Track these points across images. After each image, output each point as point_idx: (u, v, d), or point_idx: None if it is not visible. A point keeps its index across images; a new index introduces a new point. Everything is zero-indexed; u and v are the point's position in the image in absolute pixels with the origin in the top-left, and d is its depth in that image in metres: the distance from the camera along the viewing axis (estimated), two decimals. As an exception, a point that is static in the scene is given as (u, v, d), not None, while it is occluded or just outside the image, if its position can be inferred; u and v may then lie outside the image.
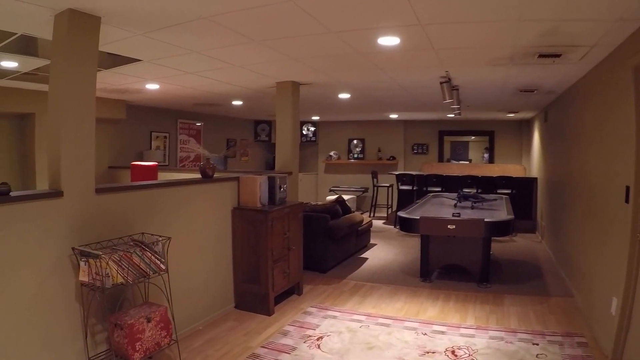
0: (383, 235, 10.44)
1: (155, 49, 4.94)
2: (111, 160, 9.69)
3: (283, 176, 5.88)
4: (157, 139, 10.92)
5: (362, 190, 14.02)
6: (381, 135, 14.28)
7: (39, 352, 3.43)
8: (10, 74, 6.24)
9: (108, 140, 9.62)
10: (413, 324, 5.00)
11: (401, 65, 5.63)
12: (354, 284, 6.57)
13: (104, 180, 9.31)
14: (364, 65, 5.63)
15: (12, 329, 3.25)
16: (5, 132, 7.92)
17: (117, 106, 9.34)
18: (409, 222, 6.38)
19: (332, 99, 8.95)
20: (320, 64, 5.68)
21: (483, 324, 4.99)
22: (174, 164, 11.44)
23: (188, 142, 11.86)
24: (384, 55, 5.11)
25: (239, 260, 5.56)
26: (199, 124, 12.24)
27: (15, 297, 3.25)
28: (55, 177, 3.65)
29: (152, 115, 10.74)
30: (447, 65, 5.57)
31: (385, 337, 4.66)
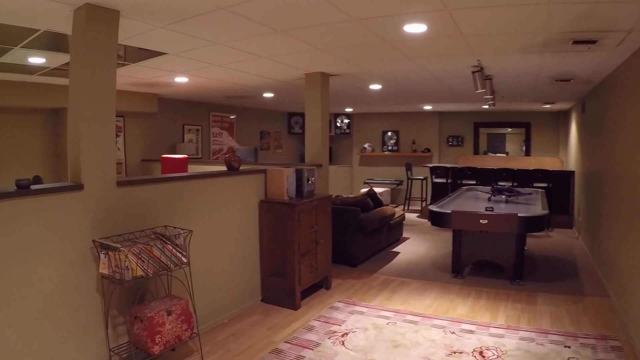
0: (416, 229, 10.27)
1: (179, 42, 4.90)
2: (144, 153, 9.78)
3: (311, 168, 5.80)
4: (189, 132, 10.96)
5: (397, 183, 13.84)
6: (415, 127, 14.05)
7: (60, 342, 3.45)
8: (39, 69, 6.31)
9: (141, 134, 9.73)
10: (441, 322, 4.85)
11: (430, 53, 5.45)
12: (384, 279, 6.45)
13: (136, 173, 9.46)
14: (392, 54, 5.48)
15: (34, 320, 3.27)
16: (39, 126, 8.04)
17: (148, 100, 9.40)
18: (439, 216, 6.21)
19: (363, 90, 8.80)
20: (347, 54, 5.56)
21: (514, 323, 4.81)
22: (206, 157, 11.47)
23: (221, 135, 11.87)
24: (411, 44, 4.95)
25: (266, 254, 5.51)
26: (232, 116, 12.24)
27: (36, 289, 3.28)
28: (75, 171, 3.66)
29: (184, 108, 10.78)
30: (478, 54, 5.37)
31: (412, 335, 4.53)
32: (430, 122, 13.82)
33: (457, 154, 13.48)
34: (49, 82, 7.19)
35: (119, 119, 9.22)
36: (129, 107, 8.98)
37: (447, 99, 10.29)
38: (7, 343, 3.12)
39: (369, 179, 14.29)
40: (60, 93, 7.46)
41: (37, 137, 8.03)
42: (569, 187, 10.46)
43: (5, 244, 3.09)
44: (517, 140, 13.43)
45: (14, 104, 7.32)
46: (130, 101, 8.96)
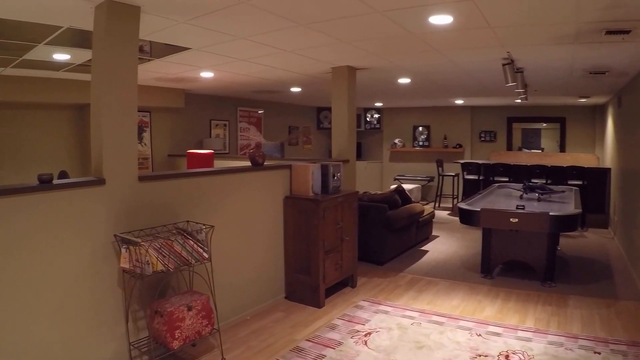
0: (446, 227, 10.10)
1: (201, 37, 4.88)
2: (171, 148, 9.81)
3: (337, 164, 5.71)
4: (217, 127, 10.96)
5: (428, 180, 13.60)
6: (447, 122, 13.79)
7: (81, 335, 3.48)
8: (64, 66, 6.36)
9: (167, 129, 9.77)
10: (468, 324, 4.71)
11: (458, 45, 5.31)
12: (411, 278, 6.33)
13: (163, 168, 9.50)
14: (419, 46, 5.36)
15: (55, 313, 3.30)
16: (66, 122, 8.14)
17: (175, 95, 9.43)
18: (469, 213, 6.05)
19: (392, 84, 8.67)
20: (373, 47, 5.45)
21: (543, 327, 4.63)
22: (234, 152, 11.46)
23: (248, 130, 11.86)
24: (438, 36, 4.82)
25: (290, 250, 5.45)
26: (260, 111, 12.21)
27: (57, 282, 3.31)
28: (97, 166, 3.68)
29: (211, 103, 10.80)
30: (507, 45, 5.21)
31: (437, 336, 4.41)
32: (462, 116, 13.55)
33: (490, 150, 13.20)
34: (74, 78, 7.24)
35: (145, 114, 9.27)
36: (156, 102, 9.02)
37: (478, 93, 10.06)
38: (30, 334, 3.15)
39: (399, 175, 14.09)
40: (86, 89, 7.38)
41: (63, 133, 8.13)
42: (604, 185, 10.10)
43: (27, 237, 3.12)
44: (553, 135, 13.07)
45: (41, 99, 7.42)
46: (157, 96, 9.00)
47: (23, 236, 3.11)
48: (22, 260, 3.10)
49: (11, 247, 3.05)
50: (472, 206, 6.23)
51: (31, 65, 6.19)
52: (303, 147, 14.02)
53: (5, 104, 7.22)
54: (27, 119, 7.67)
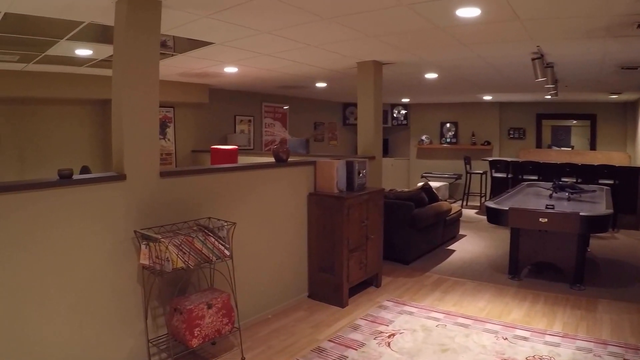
0: (474, 226, 9.89)
1: (224, 31, 4.82)
2: (195, 144, 9.81)
3: (362, 161, 5.60)
4: (241, 123, 10.93)
5: (455, 177, 13.39)
6: (475, 119, 13.53)
7: (99, 332, 3.46)
8: (87, 61, 6.38)
9: (191, 124, 9.77)
10: (494, 327, 4.56)
11: (486, 39, 5.17)
12: (437, 278, 6.19)
13: (187, 163, 9.51)
14: (446, 40, 5.23)
15: (73, 309, 3.29)
16: (89, 117, 8.16)
17: (199, 90, 9.41)
18: (496, 213, 5.88)
19: (419, 80, 8.54)
20: (399, 41, 5.33)
21: (571, 331, 4.45)
22: (259, 148, 11.42)
23: (273, 125, 11.80)
24: (465, 29, 4.69)
25: (314, 248, 5.37)
26: (285, 107, 12.15)
27: (77, 278, 3.30)
28: (118, 161, 3.66)
29: (235, 98, 10.76)
30: (537, 39, 5.04)
31: (462, 339, 4.27)
32: (490, 113, 13.29)
33: (519, 147, 12.92)
34: (97, 73, 7.25)
35: (169, 110, 9.26)
36: (180, 97, 9.02)
37: (507, 89, 9.87)
38: (48, 329, 3.15)
39: (427, 172, 13.91)
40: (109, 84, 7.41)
41: (86, 128, 8.15)
42: (637, 184, 9.76)
43: (47, 233, 3.11)
44: (583, 133, 12.74)
45: (64, 95, 7.47)
46: (181, 92, 8.99)
47: (42, 231, 3.09)
48: (41, 255, 3.09)
49: (31, 242, 3.04)
50: (500, 205, 6.07)
51: (54, 60, 6.20)
52: (329, 143, 13.93)
53: (29, 99, 7.28)
54: (50, 114, 7.72)
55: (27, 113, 7.43)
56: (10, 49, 5.48)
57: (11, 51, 5.58)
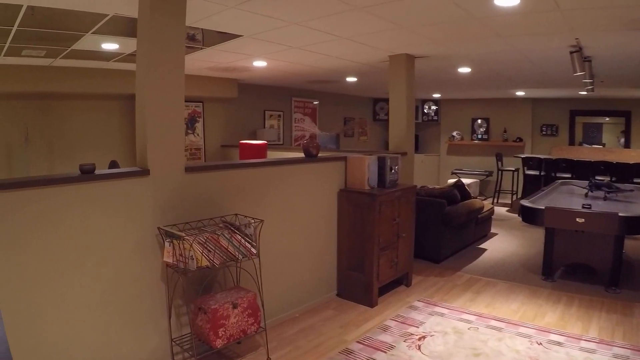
0: (505, 224, 9.64)
1: (252, 22, 4.72)
2: (224, 139, 9.77)
3: (395, 157, 5.45)
4: (271, 118, 10.86)
5: (486, 174, 13.13)
6: (507, 115, 13.22)
7: (122, 329, 3.42)
8: (114, 56, 6.35)
9: (220, 119, 9.75)
10: (528, 331, 4.36)
11: (523, 31, 4.97)
12: (468, 278, 6.01)
13: (216, 158, 9.48)
14: (482, 32, 5.05)
15: (96, 305, 3.25)
16: (117, 112, 8.15)
17: (228, 85, 9.36)
18: (532, 212, 5.67)
19: (451, 74, 8.34)
20: (433, 33, 5.17)
21: (607, 337, 4.23)
22: (288, 143, 11.34)
23: (303, 120, 11.70)
24: (502, 20, 4.50)
25: (343, 246, 5.25)
26: (315, 102, 12.05)
27: (99, 275, 3.25)
28: (142, 156, 3.58)
29: (265, 93, 10.70)
30: (577, 31, 4.82)
31: (495, 343, 4.09)
32: (522, 109, 12.96)
33: (551, 145, 12.55)
34: (124, 68, 7.23)
35: (198, 104, 9.24)
36: (208, 92, 8.99)
37: (540, 84, 9.59)
38: (71, 325, 3.12)
39: (457, 169, 13.69)
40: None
41: (116, 122, 8.15)
42: (674, 184, 9.42)
43: (69, 229, 3.06)
44: (614, 130, 12.35)
45: (93, 90, 7.48)
46: (210, 86, 8.95)
47: (64, 227, 3.04)
48: (64, 251, 3.04)
49: (53, 238, 2.99)
50: (535, 204, 5.85)
51: (80, 55, 6.19)
52: (359, 138, 13.80)
53: (58, 94, 7.30)
54: (79, 109, 7.74)
55: (56, 108, 7.47)
56: (36, 44, 5.47)
57: (37, 46, 5.56)
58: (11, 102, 6.98)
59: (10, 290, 2.82)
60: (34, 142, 7.16)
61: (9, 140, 6.97)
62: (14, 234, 2.81)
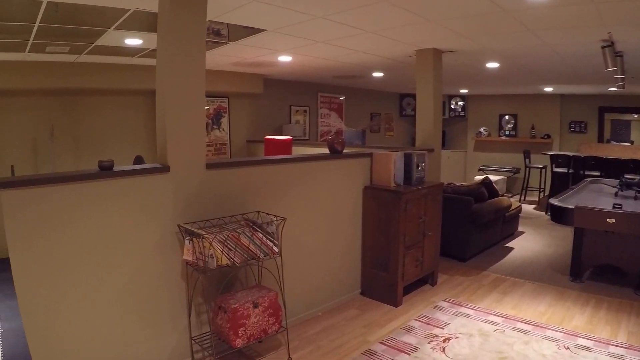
0: (532, 222, 9.42)
1: (276, 16, 4.66)
2: (250, 134, 9.76)
3: (421, 153, 5.32)
4: (296, 113, 10.81)
5: (513, 171, 12.91)
6: (535, 111, 12.97)
7: (142, 326, 3.40)
8: (138, 51, 6.36)
9: (246, 114, 9.74)
10: (555, 334, 4.22)
11: (554, 25, 4.81)
12: (495, 278, 5.86)
13: (241, 154, 9.47)
14: (511, 26, 4.91)
15: (116, 303, 3.24)
16: (142, 108, 8.18)
17: (253, 80, 9.35)
18: (561, 211, 5.50)
19: (479, 69, 8.18)
20: (461, 27, 5.05)
21: (637, 342, 4.05)
22: (314, 139, 11.28)
23: (329, 116, 11.63)
24: (532, 13, 4.36)
25: (368, 244, 5.16)
26: (341, 97, 11.96)
27: (119, 272, 3.23)
28: (162, 152, 3.54)
29: (291, 89, 10.67)
30: (609, 25, 4.66)
31: (521, 346, 3.96)
32: (550, 105, 12.70)
33: (580, 142, 12.29)
34: (149, 63, 7.22)
35: (223, 100, 9.23)
36: (234, 87, 8.98)
37: (570, 80, 9.36)
38: (91, 323, 3.12)
39: (484, 165, 13.50)
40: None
41: (140, 118, 8.19)
42: None
43: (87, 226, 3.05)
44: (642, 127, 12.09)
45: (118, 86, 7.53)
46: (235, 82, 8.94)
47: (83, 224, 3.02)
48: (83, 248, 3.02)
49: (72, 235, 2.97)
50: (564, 203, 5.69)
51: (105, 51, 6.21)
52: (385, 134, 13.70)
53: (83, 90, 7.36)
54: (105, 104, 7.80)
55: (82, 104, 7.53)
56: (60, 40, 5.48)
57: (61, 42, 5.58)
58: (37, 99, 7.05)
59: (29, 286, 2.81)
60: (60, 138, 7.22)
61: (35, 136, 7.03)
62: (34, 230, 2.80)
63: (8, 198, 2.71)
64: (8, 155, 6.81)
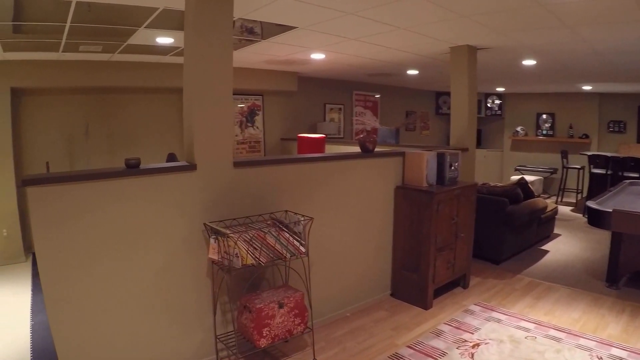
0: (569, 224, 9.15)
1: (306, 13, 4.61)
2: (285, 132, 9.76)
3: (455, 153, 5.21)
4: (331, 111, 10.77)
5: (550, 172, 12.62)
6: (573, 110, 12.61)
7: (168, 324, 3.43)
8: (170, 50, 6.40)
9: (280, 112, 9.76)
10: (588, 343, 4.04)
11: (592, 19, 4.64)
12: (529, 282, 5.70)
13: (276, 151, 9.49)
14: (546, 21, 4.75)
15: (142, 299, 3.26)
16: (176, 105, 8.25)
17: (287, 78, 9.35)
18: (598, 214, 5.30)
19: (515, 67, 8.00)
20: (495, 22, 4.93)
21: (674, 354, 3.88)
22: (349, 137, 11.22)
23: (364, 114, 11.55)
24: (569, 7, 4.21)
25: (399, 245, 5.08)
26: (377, 95, 11.87)
27: (145, 270, 3.26)
28: (189, 151, 3.54)
29: (325, 86, 10.65)
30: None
31: (553, 355, 3.80)
32: (589, 104, 12.33)
33: (619, 142, 11.91)
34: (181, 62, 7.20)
35: (258, 98, 9.24)
36: (268, 85, 9.00)
37: (608, 78, 9.09)
38: (117, 320, 3.15)
39: (521, 165, 13.23)
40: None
41: (174, 115, 8.26)
42: None
43: (115, 223, 3.08)
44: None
45: (151, 84, 7.60)
46: (269, 79, 8.96)
47: (110, 221, 3.06)
48: (109, 244, 3.06)
49: (99, 231, 3.01)
50: (602, 206, 5.48)
51: (137, 50, 6.27)
52: (421, 133, 13.57)
53: (117, 88, 7.49)
54: (138, 102, 7.93)
55: (116, 101, 7.66)
56: (92, 39, 5.55)
57: (93, 41, 5.65)
58: (72, 97, 7.20)
59: (54, 281, 2.85)
60: (94, 135, 7.34)
61: (71, 133, 7.16)
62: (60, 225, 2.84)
63: (34, 194, 2.74)
64: (45, 152, 6.96)
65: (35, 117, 6.94)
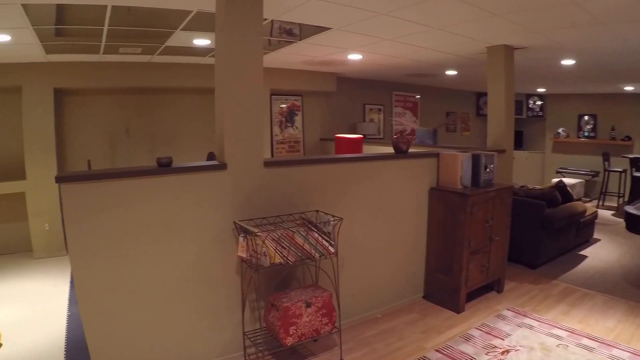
0: (609, 229, 8.85)
1: (339, 14, 4.61)
2: (324, 132, 9.80)
3: (490, 155, 5.13)
4: (370, 112, 10.76)
5: (592, 174, 12.29)
6: (615, 111, 12.25)
7: (197, 320, 3.50)
8: (208, 51, 6.52)
9: (320, 113, 9.80)
10: (622, 354, 3.88)
11: (629, 17, 4.50)
12: (564, 288, 5.56)
13: (315, 152, 9.54)
14: (582, 18, 4.63)
15: (173, 296, 3.35)
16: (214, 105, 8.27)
17: (326, 79, 9.38)
18: (637, 219, 5.17)
19: (554, 67, 7.84)
20: (529, 21, 4.84)
21: None
22: (388, 137, 11.19)
23: (404, 115, 11.51)
24: (605, 4, 4.10)
25: (433, 247, 5.04)
26: (417, 96, 11.80)
27: (174, 266, 3.33)
28: (220, 150, 3.60)
29: (365, 87, 10.65)
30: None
31: (585, 365, 3.70)
32: (631, 105, 11.97)
33: (662, 145, 11.61)
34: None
35: (297, 98, 9.30)
36: (307, 86, 9.05)
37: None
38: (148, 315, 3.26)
39: (562, 167, 12.94)
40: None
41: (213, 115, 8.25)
42: None
43: (146, 220, 3.17)
44: None
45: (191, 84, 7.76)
46: (308, 80, 9.02)
47: (142, 217, 3.15)
48: (140, 239, 3.15)
49: (131, 227, 3.10)
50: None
51: (176, 51, 6.40)
52: (461, 134, 13.44)
53: (158, 89, 7.67)
54: (178, 102, 8.09)
55: (156, 102, 7.85)
56: (130, 42, 5.70)
57: (132, 44, 5.79)
58: (114, 97, 7.41)
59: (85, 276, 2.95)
60: (136, 134, 7.52)
61: (113, 132, 7.35)
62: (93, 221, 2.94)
63: (68, 191, 2.83)
64: (87, 150, 7.17)
65: (77, 116, 7.15)
